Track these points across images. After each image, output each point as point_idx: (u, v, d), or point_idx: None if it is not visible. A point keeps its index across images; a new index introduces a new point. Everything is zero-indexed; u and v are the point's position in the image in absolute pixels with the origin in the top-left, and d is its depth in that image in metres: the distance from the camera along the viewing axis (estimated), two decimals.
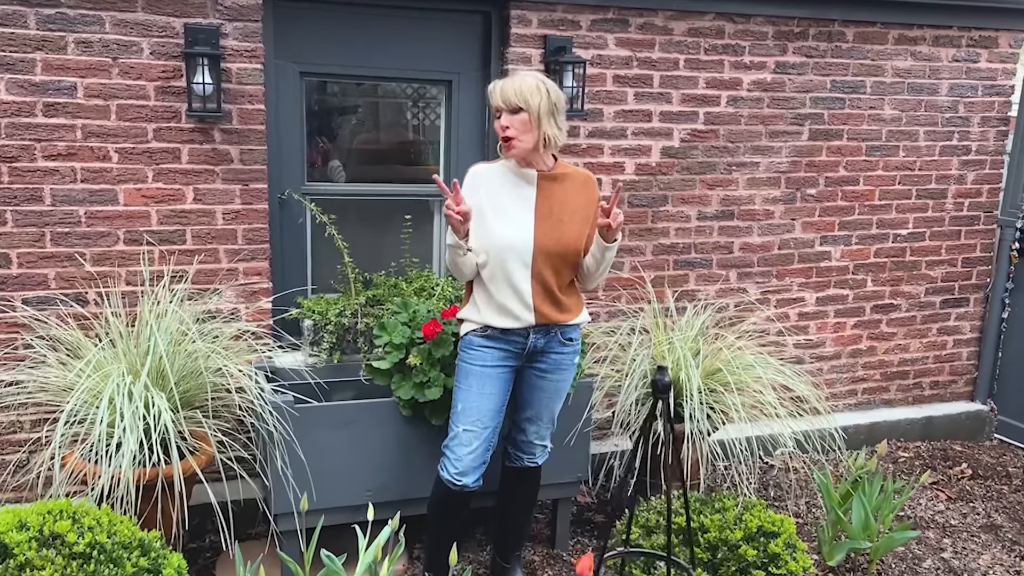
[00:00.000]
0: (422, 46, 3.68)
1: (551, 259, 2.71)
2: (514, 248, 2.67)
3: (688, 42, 3.97)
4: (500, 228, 2.68)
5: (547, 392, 2.88)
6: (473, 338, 2.77)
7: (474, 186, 2.73)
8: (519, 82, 2.63)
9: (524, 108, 2.60)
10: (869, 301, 4.63)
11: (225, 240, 3.41)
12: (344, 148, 3.87)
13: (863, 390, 4.73)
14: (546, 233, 2.70)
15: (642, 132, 3.98)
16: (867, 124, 4.39)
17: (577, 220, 2.75)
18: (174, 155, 3.30)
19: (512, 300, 2.70)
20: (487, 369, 2.75)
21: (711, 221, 4.20)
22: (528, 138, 2.63)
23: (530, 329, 2.75)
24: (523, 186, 2.72)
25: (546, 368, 2.84)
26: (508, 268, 2.68)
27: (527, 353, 2.79)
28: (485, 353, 2.76)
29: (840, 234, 4.48)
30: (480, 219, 2.68)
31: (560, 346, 2.83)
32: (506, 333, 2.74)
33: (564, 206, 2.73)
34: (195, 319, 3.28)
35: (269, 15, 3.41)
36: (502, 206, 2.70)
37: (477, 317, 2.76)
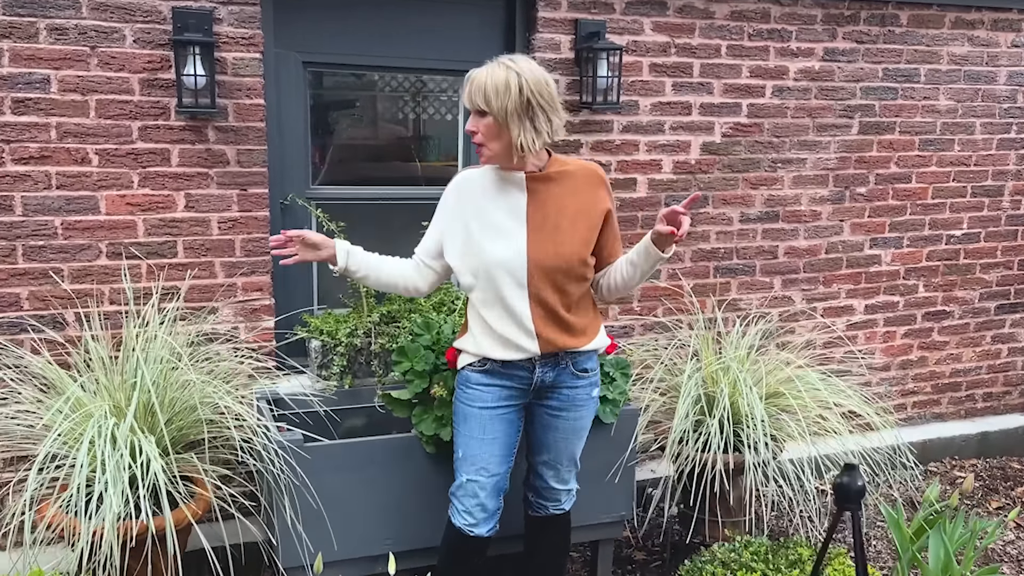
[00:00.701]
0: (439, 33, 3.29)
1: (550, 275, 2.28)
2: (506, 266, 2.26)
3: (731, 27, 3.59)
4: (488, 244, 2.27)
5: (563, 432, 2.46)
6: (470, 374, 2.38)
7: (457, 197, 2.35)
8: (485, 76, 2.17)
9: (487, 110, 2.17)
10: (920, 308, 4.27)
11: (221, 252, 3.03)
12: (351, 146, 3.49)
13: (913, 404, 4.38)
14: (541, 245, 2.27)
15: (681, 126, 3.60)
16: (921, 116, 4.03)
17: (581, 225, 2.31)
18: (163, 157, 2.91)
19: (510, 327, 2.29)
20: (487, 411, 2.36)
21: (754, 223, 3.83)
22: (497, 144, 2.21)
23: (535, 360, 2.34)
24: (511, 192, 2.30)
25: (559, 406, 2.43)
26: (502, 290, 2.27)
27: (534, 389, 2.39)
28: (484, 392, 2.36)
29: (891, 236, 4.11)
30: (465, 235, 2.30)
31: (573, 379, 2.40)
32: (508, 367, 2.34)
33: (563, 210, 2.30)
34: (188, 342, 2.92)
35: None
36: (489, 218, 2.29)
37: (474, 348, 2.35)
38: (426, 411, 2.66)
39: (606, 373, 2.88)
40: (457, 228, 2.32)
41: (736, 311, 3.84)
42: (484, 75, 2.18)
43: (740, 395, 2.87)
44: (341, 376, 3.09)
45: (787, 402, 2.94)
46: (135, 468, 2.19)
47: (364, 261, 2.40)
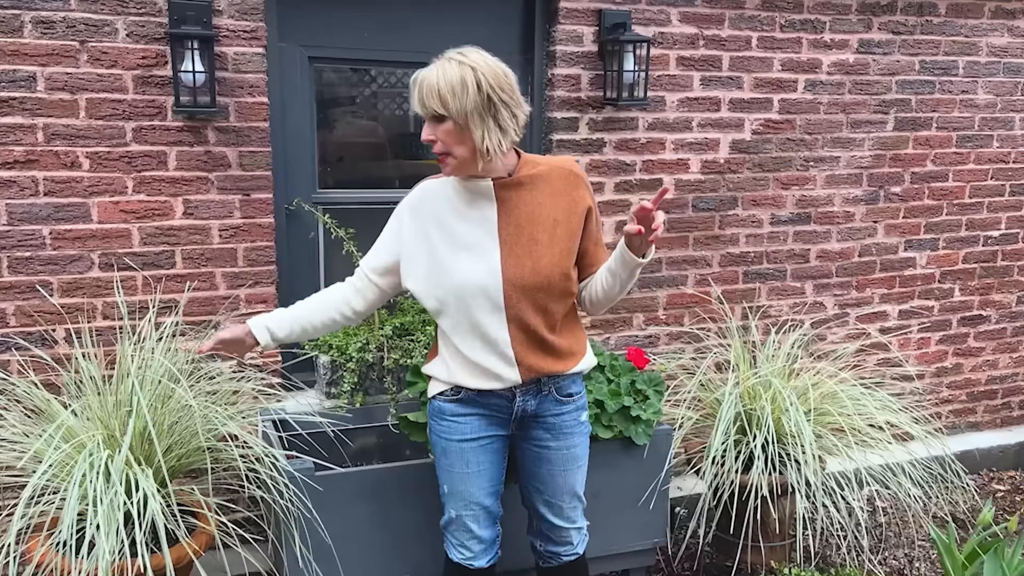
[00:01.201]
0: (454, 26, 3.08)
1: (530, 295, 2.00)
2: (479, 288, 1.98)
3: (762, 17, 3.38)
4: (457, 265, 1.99)
5: (557, 464, 2.17)
6: (443, 404, 2.11)
7: (415, 213, 2.06)
8: (436, 76, 1.89)
9: (445, 114, 1.89)
10: (956, 313, 4.07)
11: (223, 262, 2.82)
12: (360, 147, 3.27)
13: (948, 412, 4.18)
14: (518, 262, 1.99)
15: (709, 123, 3.39)
16: (958, 111, 3.82)
17: (560, 234, 2.02)
18: (159, 160, 2.70)
19: (487, 355, 2.02)
20: (468, 443, 2.11)
21: (785, 226, 3.62)
22: (462, 151, 1.92)
23: (516, 389, 2.08)
24: (479, 202, 2.01)
25: (546, 436, 2.15)
26: (475, 315, 1.99)
27: (516, 419, 2.12)
28: (462, 424, 2.10)
29: (926, 238, 3.91)
30: (429, 256, 2.02)
31: (557, 405, 2.13)
32: (484, 395, 2.08)
33: (538, 219, 2.01)
34: (188, 360, 2.71)
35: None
36: (456, 234, 2.01)
37: (446, 375, 2.08)
38: None
39: (639, 391, 2.67)
40: (418, 249, 2.03)
41: (766, 318, 3.64)
42: (435, 75, 1.90)
43: (784, 413, 2.66)
44: (352, 394, 2.88)
45: (832, 419, 2.74)
46: (130, 505, 1.98)
47: (289, 320, 2.12)
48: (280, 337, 2.13)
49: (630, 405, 2.61)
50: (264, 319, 2.13)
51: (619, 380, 2.68)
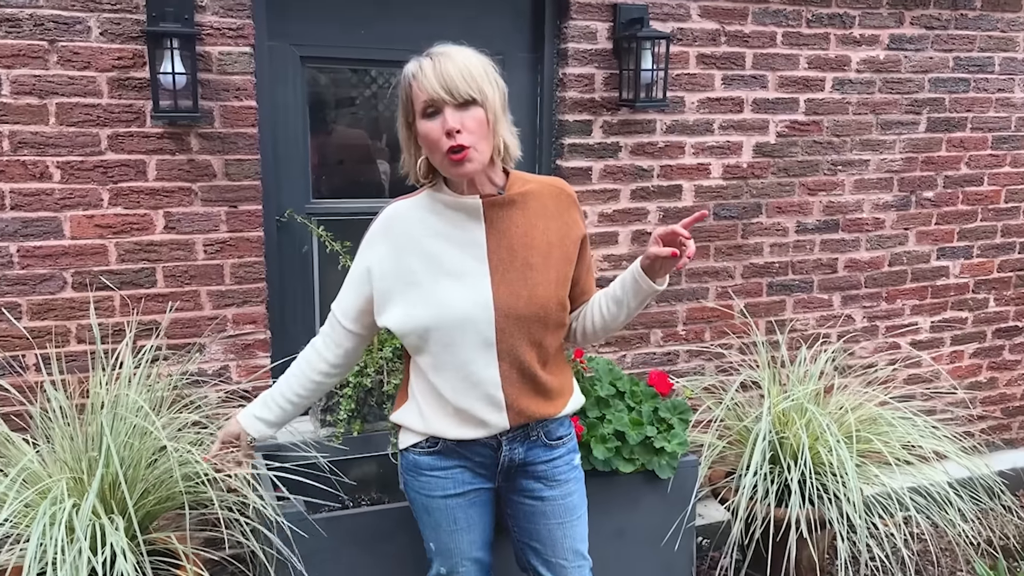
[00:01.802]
0: (457, 22, 2.86)
1: (525, 326, 1.75)
2: (466, 321, 1.71)
3: (787, 11, 3.15)
4: (442, 295, 1.72)
5: (554, 517, 1.89)
6: (418, 458, 1.83)
7: (388, 239, 1.76)
8: (464, 61, 1.64)
9: (479, 101, 1.64)
10: (990, 324, 3.84)
11: (208, 279, 2.60)
12: (357, 153, 3.05)
13: (981, 430, 3.95)
14: (512, 289, 1.73)
15: (731, 126, 3.16)
16: (994, 110, 3.59)
17: (555, 259, 1.79)
18: (137, 170, 2.48)
19: (472, 398, 1.75)
20: (452, 500, 1.84)
21: (812, 234, 3.39)
22: (486, 146, 1.67)
23: (502, 436, 1.80)
24: (464, 223, 1.75)
25: (537, 487, 1.87)
26: (461, 352, 1.72)
27: (502, 471, 1.85)
28: (443, 479, 1.83)
29: (960, 245, 3.68)
30: (407, 287, 1.74)
31: (547, 451, 1.86)
32: (465, 445, 1.81)
33: (531, 242, 1.76)
34: (171, 386, 2.49)
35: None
36: (439, 260, 1.74)
37: (420, 425, 1.80)
38: None
39: (662, 419, 2.45)
40: (393, 281, 1.75)
41: (793, 332, 3.41)
42: (459, 59, 1.65)
43: (821, 441, 2.44)
44: (349, 421, 2.65)
45: (873, 447, 2.51)
46: (95, 563, 1.76)
47: (274, 400, 1.91)
48: (272, 420, 1.92)
49: (653, 436, 2.38)
50: (252, 409, 1.94)
51: (640, 407, 2.45)
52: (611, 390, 2.46)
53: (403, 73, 1.69)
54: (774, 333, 3.37)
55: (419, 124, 1.67)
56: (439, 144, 1.64)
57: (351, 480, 2.63)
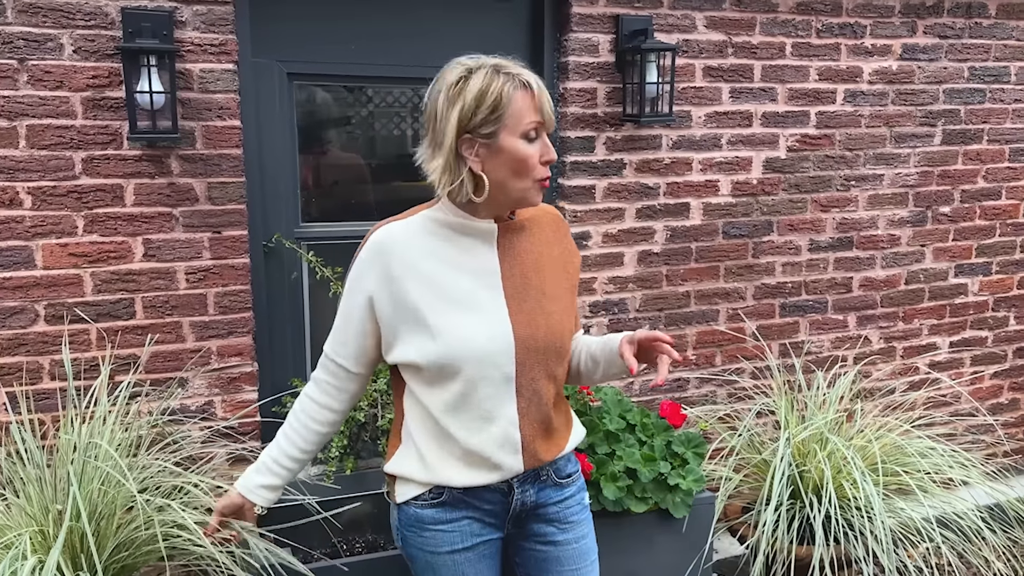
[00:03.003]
0: (452, 37, 2.73)
1: (543, 358, 1.61)
2: (487, 355, 1.55)
3: (797, 21, 3.02)
4: (456, 327, 1.54)
5: (568, 564, 1.72)
6: (421, 511, 1.63)
7: (387, 267, 1.56)
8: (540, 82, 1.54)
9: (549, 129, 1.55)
10: (1011, 343, 3.69)
11: (191, 310, 2.45)
12: (349, 174, 2.90)
13: (1004, 452, 3.79)
14: (529, 319, 1.59)
15: (740, 140, 3.03)
16: (1011, 121, 3.46)
17: (562, 286, 1.67)
18: (114, 195, 2.34)
19: (488, 441, 1.58)
20: (460, 555, 1.65)
21: (825, 252, 3.25)
22: None
23: (515, 480, 1.64)
24: (475, 249, 1.59)
25: (550, 531, 1.71)
26: (479, 388, 1.56)
27: (512, 517, 1.68)
28: (450, 533, 1.64)
29: (978, 262, 3.53)
30: (412, 322, 1.55)
31: (558, 491, 1.71)
32: (472, 493, 1.62)
33: (542, 269, 1.64)
34: (151, 424, 2.34)
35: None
36: (445, 288, 1.56)
37: (424, 475, 1.61)
38: None
39: (675, 453, 2.29)
40: (398, 314, 1.56)
41: (807, 355, 3.26)
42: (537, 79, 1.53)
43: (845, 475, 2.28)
44: (341, 459, 2.50)
45: (900, 480, 2.35)
46: None
47: (279, 459, 1.70)
48: (278, 485, 1.71)
49: (667, 473, 2.22)
50: (253, 479, 1.70)
51: (652, 441, 2.29)
52: (621, 423, 2.31)
53: (495, 78, 1.49)
54: (788, 356, 3.22)
55: (513, 142, 1.49)
56: (534, 171, 1.51)
57: (344, 522, 2.47)
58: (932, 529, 2.52)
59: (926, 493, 2.31)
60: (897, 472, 2.32)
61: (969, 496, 2.74)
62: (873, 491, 2.17)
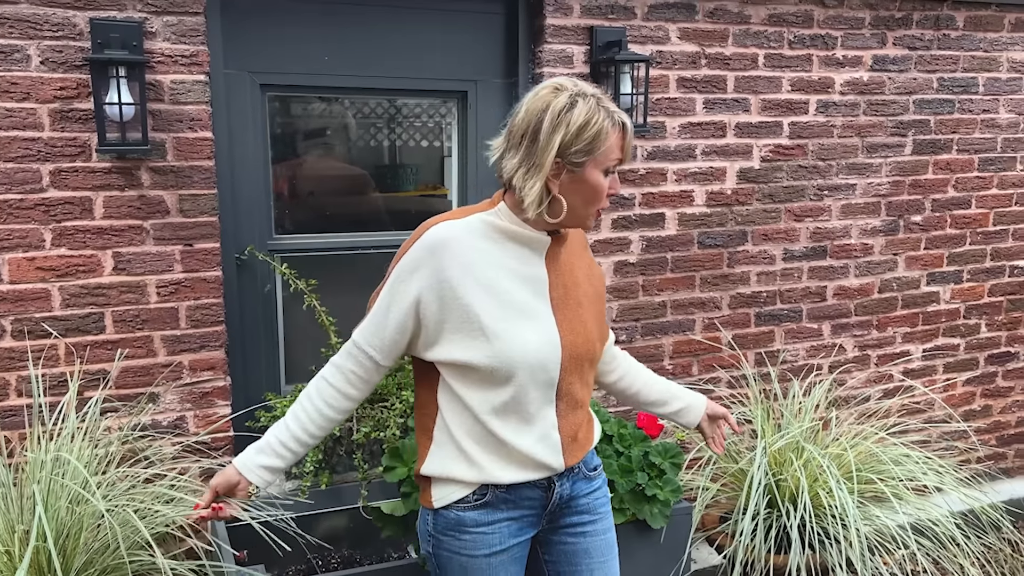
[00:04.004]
0: (426, 48, 2.72)
1: (580, 367, 1.67)
2: (539, 360, 1.59)
3: (769, 33, 3.05)
4: (513, 332, 1.57)
5: (597, 555, 1.77)
6: (464, 515, 1.63)
7: (443, 264, 1.55)
8: None
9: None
10: (983, 350, 3.73)
11: (162, 324, 2.42)
12: (323, 186, 2.89)
13: (978, 459, 3.82)
14: (572, 328, 1.65)
15: (714, 151, 3.04)
16: (980, 131, 3.51)
17: (592, 296, 1.74)
18: (83, 208, 2.30)
19: (534, 441, 1.62)
20: (496, 557, 1.66)
21: (800, 261, 3.27)
22: None
23: (554, 477, 1.68)
24: (528, 258, 1.63)
25: (579, 522, 1.75)
26: (527, 393, 1.59)
27: (550, 511, 1.71)
28: (489, 535, 1.64)
29: (949, 270, 3.57)
30: (467, 322, 1.56)
31: (587, 483, 1.76)
32: (515, 491, 1.65)
33: (578, 281, 1.71)
34: (122, 440, 2.30)
35: (216, 7, 2.43)
36: (505, 294, 1.58)
37: (472, 474, 1.61)
38: None
39: (652, 464, 2.29)
40: (450, 312, 1.57)
41: (783, 364, 3.28)
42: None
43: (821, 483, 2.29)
44: (316, 473, 2.47)
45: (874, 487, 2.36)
46: None
47: (287, 442, 1.66)
48: (282, 467, 1.67)
49: (644, 483, 2.22)
50: (255, 457, 1.65)
51: (630, 452, 2.29)
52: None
53: (597, 111, 1.54)
54: (764, 365, 3.24)
55: (595, 175, 1.56)
56: (602, 201, 1.59)
57: (320, 537, 2.44)
58: (907, 536, 2.54)
59: (901, 500, 2.32)
60: (872, 480, 2.33)
61: (943, 502, 2.76)
62: (848, 499, 2.18)
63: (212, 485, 1.65)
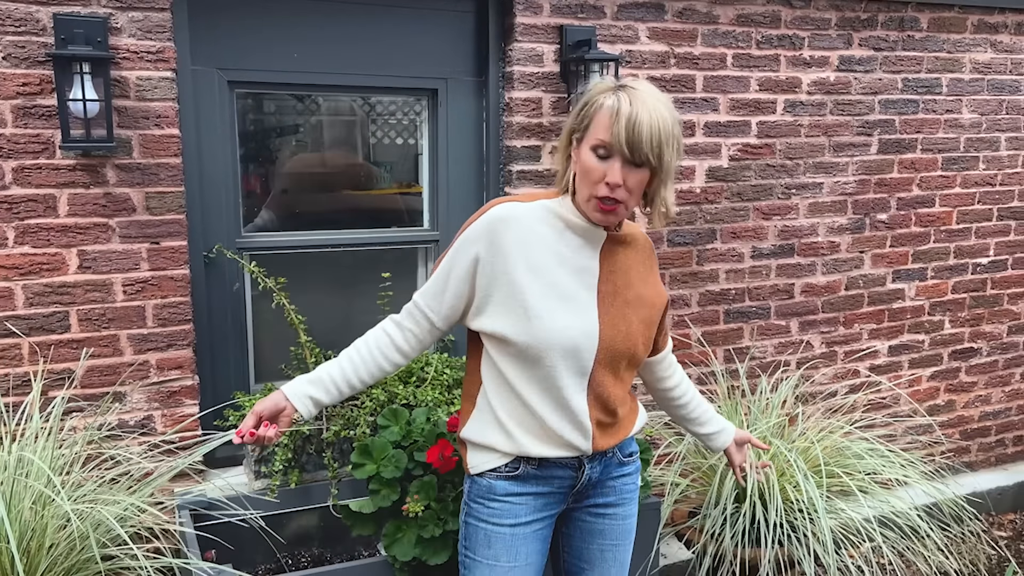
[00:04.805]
0: (397, 46, 2.72)
1: (615, 362, 1.73)
2: (572, 347, 1.67)
3: (737, 33, 3.08)
4: (553, 315, 1.65)
5: (611, 537, 1.87)
6: (495, 482, 1.74)
7: (498, 241, 1.65)
8: (657, 119, 1.58)
9: (655, 166, 1.60)
10: (947, 346, 3.80)
11: (128, 322, 2.39)
12: (293, 183, 2.87)
13: (941, 453, 3.89)
14: (613, 323, 1.71)
15: (684, 150, 3.07)
16: (943, 131, 3.57)
17: (644, 301, 1.78)
18: (47, 206, 2.27)
19: (563, 423, 1.71)
20: (520, 529, 1.74)
21: (768, 259, 3.31)
22: (635, 202, 1.66)
23: (584, 458, 1.77)
24: (583, 251, 1.70)
25: (605, 503, 1.85)
26: (558, 377, 1.67)
27: (578, 490, 1.81)
28: (517, 506, 1.74)
29: (914, 267, 3.63)
30: (512, 295, 1.65)
31: (619, 467, 1.85)
32: (546, 466, 1.74)
33: (631, 282, 1.76)
34: (87, 440, 2.27)
35: (183, 3, 2.41)
36: (552, 278, 1.67)
37: (506, 444, 1.72)
38: (401, 528, 2.04)
39: None
40: (498, 286, 1.66)
41: (751, 360, 3.31)
42: (657, 119, 1.59)
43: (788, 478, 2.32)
44: (285, 472, 2.46)
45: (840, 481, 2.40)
46: None
47: (333, 380, 1.73)
48: (326, 403, 1.75)
49: None
50: (305, 387, 1.72)
51: None
52: None
53: (595, 94, 1.64)
54: (733, 362, 3.27)
55: (584, 151, 1.62)
56: (595, 187, 1.61)
57: (289, 536, 2.43)
58: (873, 529, 2.58)
59: (866, 494, 2.35)
60: (838, 474, 2.36)
61: (908, 495, 2.81)
62: (815, 493, 2.21)
63: (256, 410, 1.68)
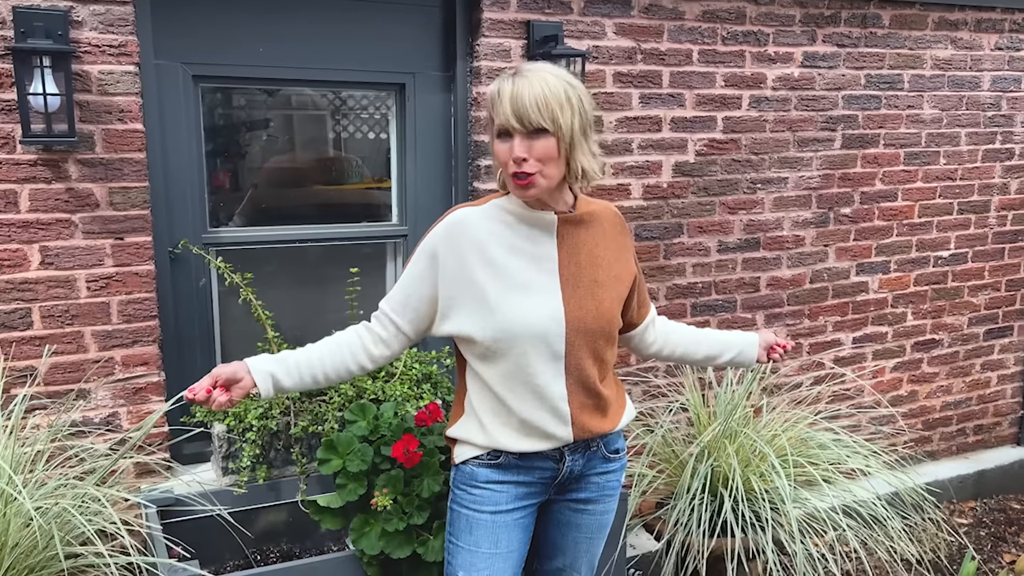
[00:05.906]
0: (364, 41, 2.71)
1: (591, 340, 1.78)
2: (538, 333, 1.72)
3: (703, 29, 3.11)
4: (514, 307, 1.71)
5: (586, 531, 1.94)
6: (476, 469, 1.81)
7: (453, 247, 1.73)
8: (540, 86, 1.63)
9: (551, 129, 1.64)
10: (909, 338, 3.87)
11: (93, 319, 2.37)
12: (259, 178, 2.86)
13: (904, 443, 3.97)
14: (581, 303, 1.76)
15: (650, 145, 3.10)
16: (905, 126, 3.63)
17: (613, 277, 1.84)
18: (7, 201, 2.25)
19: (539, 412, 1.75)
20: (500, 516, 1.80)
21: (734, 253, 3.35)
22: (555, 172, 1.69)
23: (565, 449, 1.82)
24: (536, 237, 1.77)
25: (586, 498, 1.91)
26: (531, 365, 1.72)
27: (559, 483, 1.86)
28: (497, 492, 1.80)
29: (877, 260, 3.70)
30: (473, 298, 1.72)
31: (604, 463, 1.89)
32: (527, 459, 1.80)
33: (596, 260, 1.82)
34: (51, 438, 2.25)
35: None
36: (508, 272, 1.73)
37: (483, 439, 1.79)
38: (368, 522, 2.05)
39: None
40: (460, 288, 1.73)
41: None
42: (537, 83, 1.64)
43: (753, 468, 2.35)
44: (253, 468, 2.45)
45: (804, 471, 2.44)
46: None
47: (297, 365, 1.75)
48: (287, 387, 1.75)
49: None
50: (269, 363, 1.73)
51: None
52: None
53: (501, 81, 1.69)
54: None
55: (494, 143, 1.71)
56: (506, 167, 1.69)
57: (258, 532, 2.43)
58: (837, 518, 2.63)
59: (830, 484, 2.40)
60: (803, 464, 2.40)
61: (871, 485, 2.87)
62: (781, 483, 2.25)
63: (214, 372, 1.69)
